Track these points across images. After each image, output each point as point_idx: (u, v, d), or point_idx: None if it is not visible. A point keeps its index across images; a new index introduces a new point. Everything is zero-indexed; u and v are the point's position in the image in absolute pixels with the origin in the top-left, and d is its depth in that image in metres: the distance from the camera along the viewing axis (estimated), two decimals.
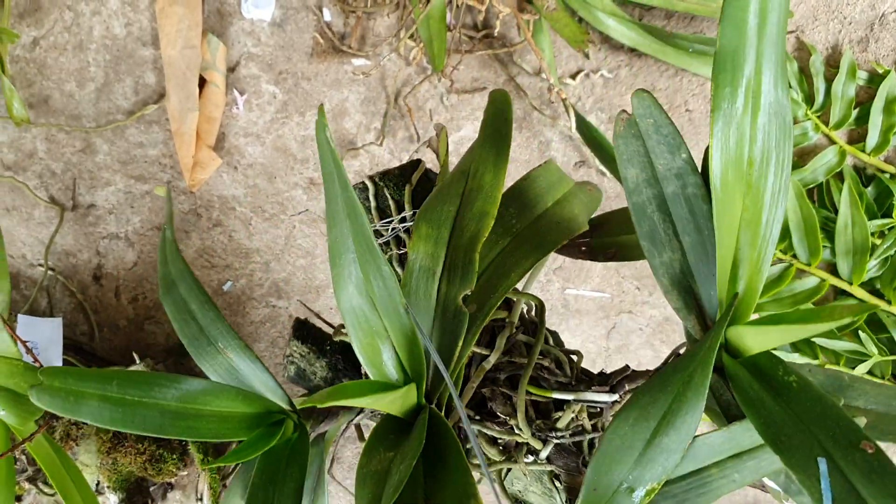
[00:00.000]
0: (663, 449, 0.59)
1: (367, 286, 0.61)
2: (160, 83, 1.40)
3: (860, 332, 1.36)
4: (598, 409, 0.74)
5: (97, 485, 1.22)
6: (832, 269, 1.41)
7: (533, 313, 0.80)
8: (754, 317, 0.61)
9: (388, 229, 0.83)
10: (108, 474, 1.20)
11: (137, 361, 1.22)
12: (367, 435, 0.69)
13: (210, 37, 1.38)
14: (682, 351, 0.67)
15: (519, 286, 0.77)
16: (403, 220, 0.84)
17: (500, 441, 0.75)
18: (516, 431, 0.72)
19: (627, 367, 0.74)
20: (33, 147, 1.44)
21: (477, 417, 0.74)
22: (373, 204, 0.86)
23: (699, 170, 0.61)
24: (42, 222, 1.47)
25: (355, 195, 0.57)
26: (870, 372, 1.36)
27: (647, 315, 1.53)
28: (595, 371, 0.79)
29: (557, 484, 0.75)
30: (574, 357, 0.78)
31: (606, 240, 0.83)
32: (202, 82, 1.39)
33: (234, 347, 0.71)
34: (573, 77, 1.42)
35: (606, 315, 1.55)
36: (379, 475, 0.59)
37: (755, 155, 0.58)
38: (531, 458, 0.73)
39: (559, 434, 0.72)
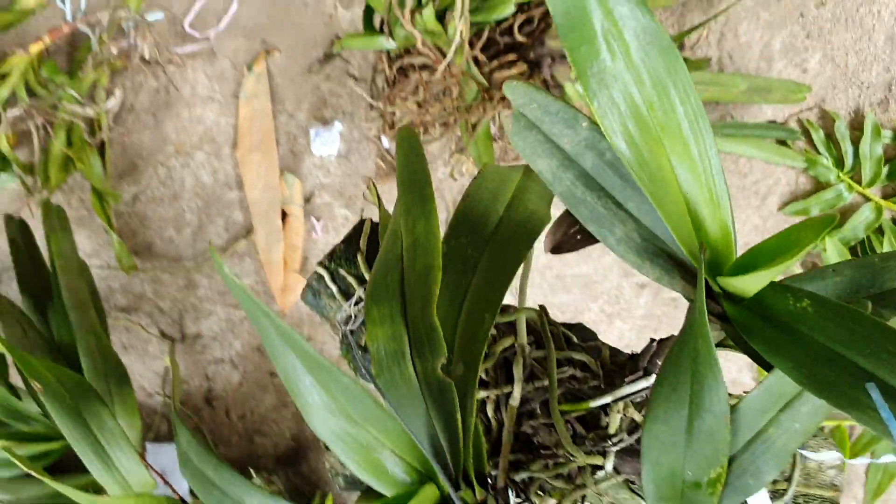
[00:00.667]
0: (706, 432, 0.54)
1: (338, 405, 0.57)
2: (247, 220, 1.57)
3: None
4: (644, 397, 0.68)
5: None
6: None
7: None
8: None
9: (358, 307, 0.78)
10: None
11: (254, 476, 1.36)
12: None
13: (286, 175, 1.55)
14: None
15: (514, 300, 0.72)
16: None
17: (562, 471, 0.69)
18: (571, 459, 0.66)
19: (653, 340, 0.68)
20: (142, 289, 1.62)
21: (530, 456, 0.69)
22: (334, 289, 0.81)
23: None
24: (156, 356, 1.64)
25: (283, 323, 0.55)
26: None
27: None
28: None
29: (634, 489, 0.69)
30: (600, 347, 0.72)
31: None
32: (283, 215, 1.55)
33: (260, 499, 0.70)
34: None
35: None
36: None
37: (650, 95, 0.51)
38: (601, 474, 0.67)
39: (615, 440, 0.67)
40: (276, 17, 1.51)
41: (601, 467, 0.67)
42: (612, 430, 0.67)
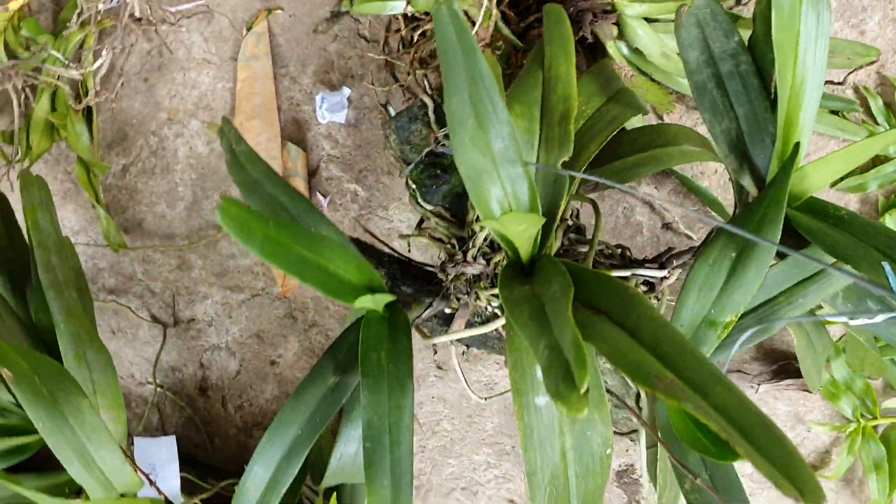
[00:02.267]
0: (742, 282, 0.71)
1: (484, 142, 0.71)
2: None
3: None
4: (651, 286, 0.89)
5: None
6: None
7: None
8: None
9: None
10: None
11: None
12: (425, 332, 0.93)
13: (289, 145, 1.46)
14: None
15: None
16: None
17: None
18: None
19: (671, 247, 0.92)
20: (132, 270, 1.54)
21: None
22: (433, 118, 1.05)
23: (749, 50, 0.78)
24: (147, 341, 1.57)
25: (482, 57, 0.70)
26: None
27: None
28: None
29: None
30: (627, 247, 0.96)
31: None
32: None
33: (326, 229, 0.80)
34: None
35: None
36: (526, 297, 0.71)
37: (803, 35, 0.72)
38: None
39: None
40: None
41: None
42: None
